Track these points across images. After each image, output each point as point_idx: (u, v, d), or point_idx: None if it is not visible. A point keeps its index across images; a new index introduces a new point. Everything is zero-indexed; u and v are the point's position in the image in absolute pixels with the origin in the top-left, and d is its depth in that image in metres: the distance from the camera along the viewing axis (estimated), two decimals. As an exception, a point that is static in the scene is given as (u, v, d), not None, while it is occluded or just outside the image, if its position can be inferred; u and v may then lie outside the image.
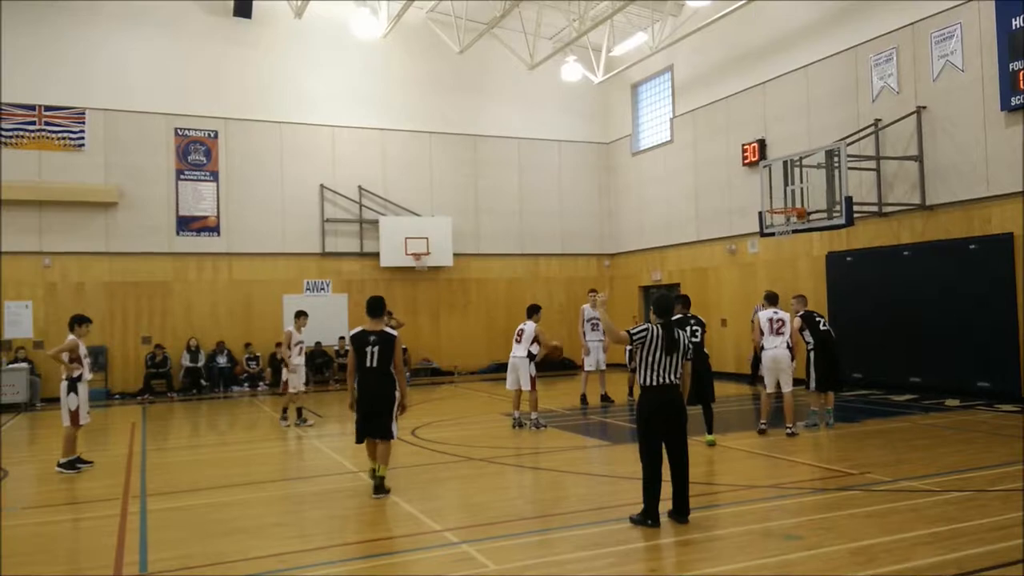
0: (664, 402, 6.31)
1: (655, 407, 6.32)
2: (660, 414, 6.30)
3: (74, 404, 9.34)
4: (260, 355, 19.41)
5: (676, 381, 6.37)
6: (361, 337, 7.57)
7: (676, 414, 6.32)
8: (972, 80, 13.33)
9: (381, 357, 7.53)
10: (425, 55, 21.39)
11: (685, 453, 6.32)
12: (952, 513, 6.37)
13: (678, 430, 6.32)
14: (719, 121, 19.31)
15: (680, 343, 6.41)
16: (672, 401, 6.33)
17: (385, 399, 7.56)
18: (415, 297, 21.28)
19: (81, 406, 9.40)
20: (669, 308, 6.65)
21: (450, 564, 5.55)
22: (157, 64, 19.04)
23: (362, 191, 20.89)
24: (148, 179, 18.94)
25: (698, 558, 5.39)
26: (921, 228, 14.34)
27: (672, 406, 6.32)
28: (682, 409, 6.39)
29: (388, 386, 7.57)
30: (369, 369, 7.55)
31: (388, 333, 7.64)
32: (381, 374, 7.55)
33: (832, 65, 16.07)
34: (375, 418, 7.57)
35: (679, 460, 6.30)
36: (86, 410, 9.54)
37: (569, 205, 23.32)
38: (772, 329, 10.54)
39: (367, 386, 7.59)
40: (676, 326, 6.58)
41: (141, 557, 5.94)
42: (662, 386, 6.32)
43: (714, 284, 19.55)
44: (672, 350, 6.34)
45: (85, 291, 18.32)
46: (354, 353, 7.64)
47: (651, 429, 6.30)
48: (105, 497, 8.04)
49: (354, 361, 7.67)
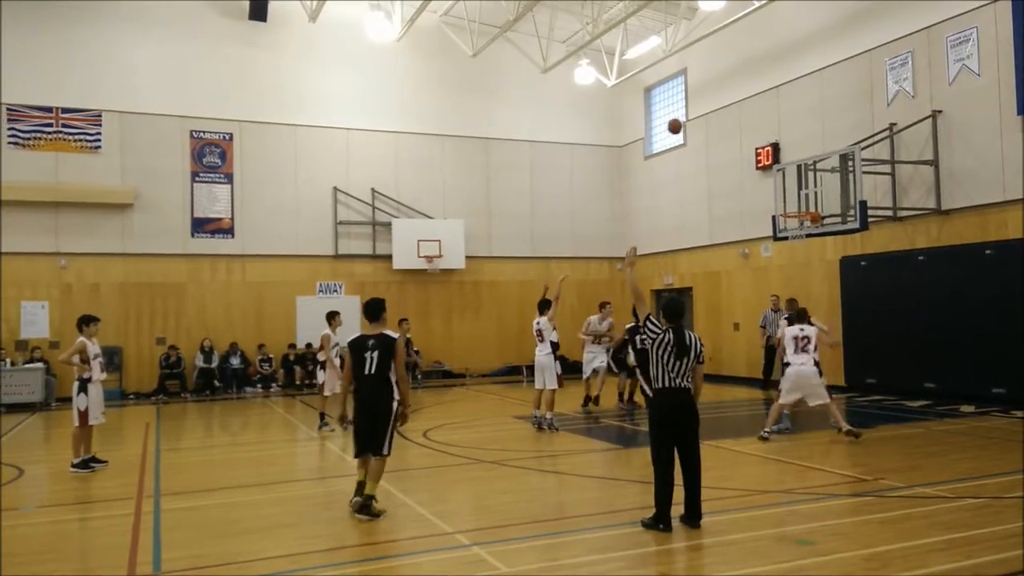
0: (674, 405, 6.31)
1: (665, 410, 6.33)
2: (671, 417, 6.30)
3: (83, 404, 9.30)
4: (273, 356, 19.49)
5: (687, 385, 6.36)
6: (359, 343, 6.99)
7: (687, 418, 6.31)
8: (988, 84, 13.24)
9: (380, 362, 6.92)
10: (438, 58, 21.45)
11: (697, 457, 6.31)
12: (966, 520, 6.31)
13: (689, 434, 6.30)
14: (732, 125, 19.26)
15: (692, 347, 6.39)
16: (683, 404, 6.33)
17: (383, 410, 6.93)
18: (427, 299, 21.32)
19: (92, 407, 9.36)
20: (680, 312, 6.64)
21: (461, 566, 5.55)
22: (172, 67, 19.19)
23: (375, 193, 20.96)
24: (163, 181, 19.08)
25: (710, 562, 5.37)
26: (936, 233, 14.25)
27: (683, 409, 6.32)
28: (693, 413, 6.37)
29: (386, 395, 6.93)
30: (367, 376, 6.94)
31: (388, 336, 7.02)
32: (380, 380, 6.93)
33: (846, 68, 16.00)
34: (372, 431, 6.94)
35: (691, 464, 6.28)
36: (100, 411, 9.51)
37: (581, 208, 23.31)
38: (798, 347, 10.42)
39: (364, 395, 7.01)
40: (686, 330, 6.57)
41: (154, 556, 5.97)
42: (673, 389, 6.32)
43: (727, 288, 19.49)
44: (683, 354, 6.33)
45: (100, 292, 18.46)
46: (351, 359, 7.07)
47: (662, 432, 6.32)
48: (119, 496, 8.09)
49: (350, 369, 7.08)
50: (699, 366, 6.47)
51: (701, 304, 20.34)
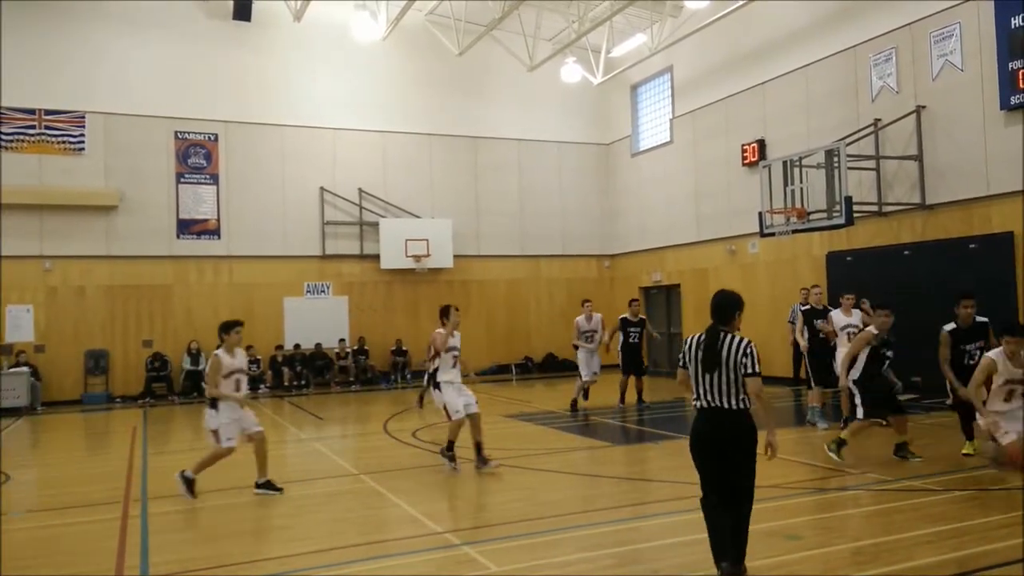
0: (707, 429, 4.99)
1: (695, 435, 5.10)
2: (703, 443, 5.03)
3: (213, 423, 7.94)
4: (261, 358, 19.40)
5: (734, 405, 4.92)
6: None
7: (723, 443, 4.93)
8: (972, 79, 13.33)
9: None
10: (424, 57, 21.41)
11: (741, 492, 4.93)
12: (954, 512, 6.36)
13: (728, 463, 4.93)
14: (719, 122, 19.31)
15: (725, 356, 4.96)
16: (720, 427, 4.94)
17: None
18: (416, 299, 21.29)
19: (222, 429, 7.87)
20: (722, 307, 5.16)
21: (452, 566, 5.55)
22: (157, 67, 19.07)
23: (362, 193, 20.90)
24: (148, 182, 18.96)
25: (700, 559, 5.37)
26: (921, 227, 14.34)
27: (721, 433, 4.94)
28: (735, 438, 4.93)
29: None
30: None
31: None
32: None
33: (831, 65, 16.08)
34: None
35: (730, 497, 4.92)
36: (228, 434, 7.90)
37: (569, 206, 23.33)
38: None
39: None
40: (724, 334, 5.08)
41: (142, 560, 5.94)
42: (709, 409, 4.99)
43: (714, 285, 19.51)
44: (713, 365, 4.96)
45: (86, 295, 18.34)
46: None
47: (698, 465, 5.09)
48: (106, 501, 8.05)
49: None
50: (749, 379, 4.92)
51: (689, 301, 20.39)
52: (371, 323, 20.74)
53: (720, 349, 4.97)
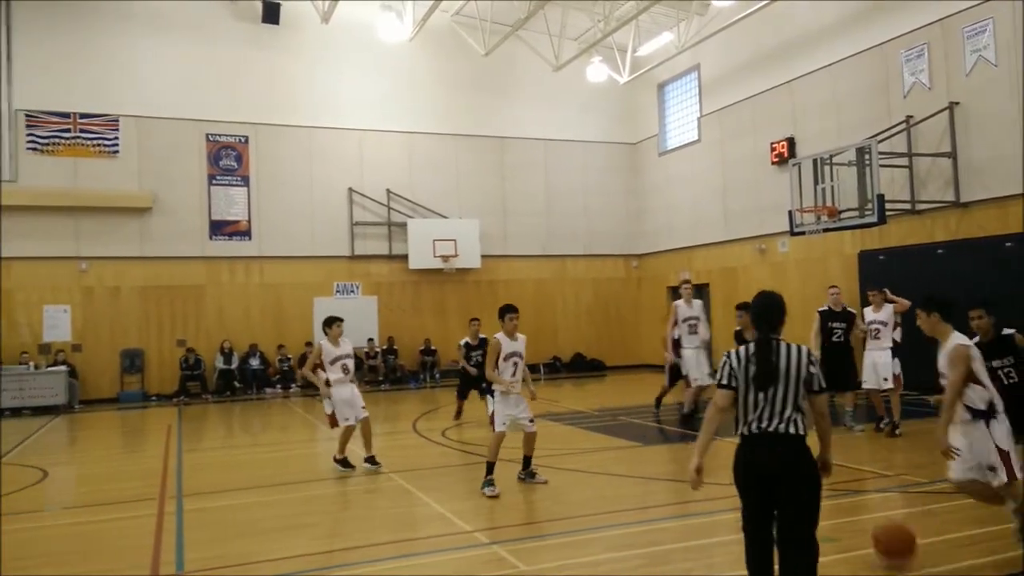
0: (761, 461, 4.05)
1: (742, 468, 4.14)
2: (753, 478, 4.09)
3: (328, 408, 9.18)
4: (292, 357, 19.60)
5: (790, 430, 4.03)
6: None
7: (780, 477, 4.00)
8: (1006, 75, 13.08)
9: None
10: (451, 58, 21.48)
11: (802, 542, 4.01)
12: (989, 516, 6.25)
13: (789, 499, 4.01)
14: (747, 120, 19.15)
15: (784, 369, 4.08)
16: (775, 458, 4.03)
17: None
18: (443, 299, 21.37)
19: (339, 408, 9.09)
20: (767, 313, 4.33)
21: (481, 565, 5.57)
22: (187, 71, 19.34)
23: (390, 194, 21.02)
24: (181, 184, 19.25)
25: (730, 560, 5.35)
26: (955, 226, 14.11)
27: (776, 466, 4.01)
28: (795, 471, 4.01)
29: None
30: None
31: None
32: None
33: (861, 62, 15.87)
34: None
35: (789, 540, 4.04)
36: (346, 415, 9.09)
37: (596, 206, 23.27)
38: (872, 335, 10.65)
39: None
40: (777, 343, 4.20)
41: (177, 556, 6.04)
42: (758, 436, 4.07)
43: (744, 284, 19.36)
44: (770, 380, 4.07)
45: (121, 295, 18.66)
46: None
47: (744, 499, 4.18)
48: (142, 497, 8.18)
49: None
50: (815, 397, 4.15)
51: (718, 300, 20.24)
52: (400, 323, 20.87)
53: (777, 361, 4.10)
